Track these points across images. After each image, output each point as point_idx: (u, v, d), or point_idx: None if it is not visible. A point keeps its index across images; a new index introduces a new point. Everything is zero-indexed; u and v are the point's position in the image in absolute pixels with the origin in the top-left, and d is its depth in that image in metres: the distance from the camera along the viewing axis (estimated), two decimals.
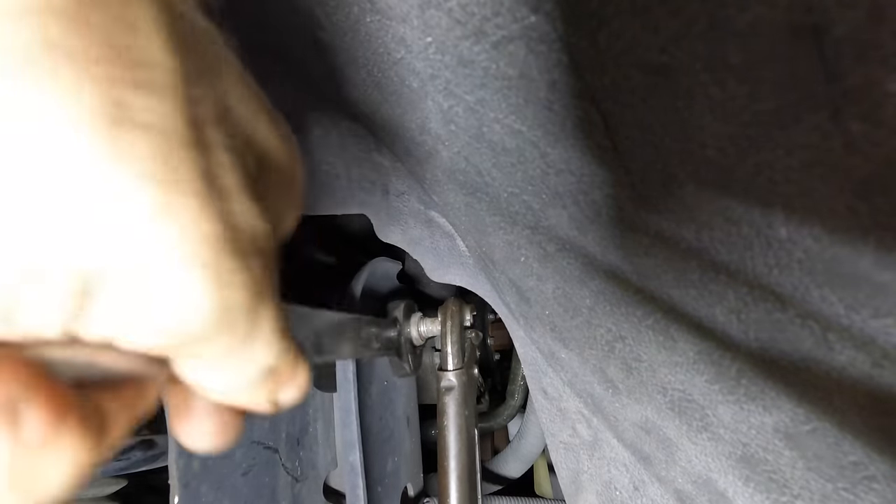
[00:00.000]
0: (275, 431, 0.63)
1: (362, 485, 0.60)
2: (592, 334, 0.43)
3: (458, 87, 0.34)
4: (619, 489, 0.51)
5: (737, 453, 0.35)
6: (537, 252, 0.43)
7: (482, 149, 0.38)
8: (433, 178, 0.47)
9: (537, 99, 0.32)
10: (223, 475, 0.56)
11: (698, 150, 0.28)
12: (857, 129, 0.23)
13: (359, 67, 0.39)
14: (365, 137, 0.62)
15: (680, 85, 0.26)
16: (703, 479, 0.39)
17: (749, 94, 0.25)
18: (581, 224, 0.37)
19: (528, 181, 0.38)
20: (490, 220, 0.45)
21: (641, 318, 0.38)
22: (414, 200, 0.65)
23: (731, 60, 0.24)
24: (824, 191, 0.25)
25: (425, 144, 0.42)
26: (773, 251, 0.28)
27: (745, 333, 0.31)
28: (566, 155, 0.34)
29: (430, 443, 0.92)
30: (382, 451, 0.69)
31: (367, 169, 0.66)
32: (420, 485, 0.83)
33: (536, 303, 0.47)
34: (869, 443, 0.28)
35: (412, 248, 0.69)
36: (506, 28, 0.29)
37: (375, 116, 0.45)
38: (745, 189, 0.27)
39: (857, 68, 0.22)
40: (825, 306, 0.27)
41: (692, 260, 0.32)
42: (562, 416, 0.57)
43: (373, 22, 0.34)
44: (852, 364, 0.27)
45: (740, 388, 0.33)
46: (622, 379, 0.42)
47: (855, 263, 0.25)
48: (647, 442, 0.43)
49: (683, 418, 0.38)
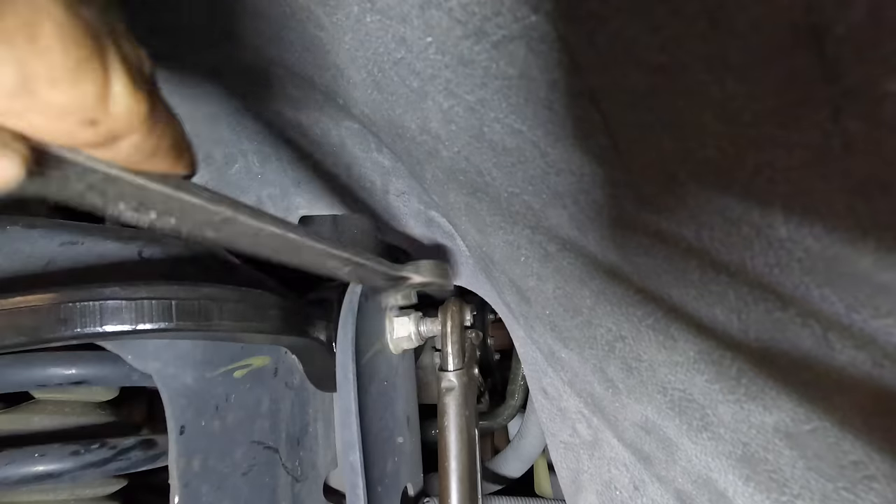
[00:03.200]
0: (275, 431, 0.63)
1: (362, 485, 0.60)
2: (593, 334, 0.43)
3: (458, 86, 0.34)
4: (619, 489, 0.51)
5: (737, 453, 0.35)
6: (538, 252, 0.43)
7: (482, 148, 0.38)
8: (433, 177, 0.47)
9: (538, 98, 0.32)
10: (223, 475, 0.56)
11: (698, 150, 0.28)
12: (857, 128, 0.23)
13: (359, 67, 0.39)
14: (365, 137, 0.62)
15: (680, 85, 0.26)
16: (704, 478, 0.39)
17: (749, 94, 0.25)
18: (581, 224, 0.37)
19: (529, 181, 0.38)
20: (490, 220, 0.45)
21: (642, 317, 0.38)
22: (414, 200, 0.65)
23: (731, 60, 0.24)
24: (824, 190, 0.25)
25: (426, 144, 0.42)
26: (774, 251, 0.28)
27: (746, 333, 0.31)
28: (566, 155, 0.34)
29: (431, 443, 0.92)
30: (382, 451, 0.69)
31: (367, 168, 0.66)
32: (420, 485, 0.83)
33: (537, 302, 0.47)
34: (869, 442, 0.28)
35: (412, 248, 0.69)
36: (506, 28, 0.29)
37: (376, 116, 0.45)
38: (745, 189, 0.27)
39: (857, 68, 0.22)
40: (825, 306, 0.27)
41: (692, 260, 0.32)
42: (562, 415, 0.57)
43: (373, 22, 0.34)
44: (853, 364, 0.27)
45: (740, 387, 0.33)
46: (622, 378, 0.42)
47: (855, 263, 0.25)
48: (647, 441, 0.43)
49: (683, 418, 0.38)
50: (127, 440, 0.62)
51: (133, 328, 0.46)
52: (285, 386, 0.66)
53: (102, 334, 0.46)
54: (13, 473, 0.56)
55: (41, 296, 0.45)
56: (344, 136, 0.63)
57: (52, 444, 0.58)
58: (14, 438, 0.64)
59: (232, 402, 0.58)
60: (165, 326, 0.47)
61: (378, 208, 0.68)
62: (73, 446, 0.59)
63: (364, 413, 0.63)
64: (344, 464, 0.62)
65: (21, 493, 0.64)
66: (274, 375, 0.64)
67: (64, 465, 0.58)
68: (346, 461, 0.61)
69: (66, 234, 0.53)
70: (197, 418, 0.54)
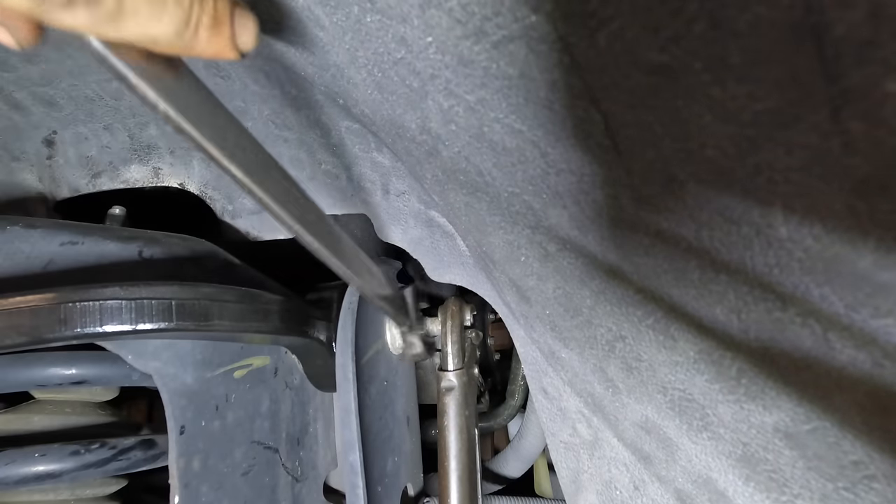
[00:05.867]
0: (275, 431, 0.63)
1: (362, 485, 0.60)
2: (593, 334, 0.43)
3: (458, 86, 0.34)
4: (619, 488, 0.51)
5: (737, 452, 0.35)
6: (538, 252, 0.43)
7: (483, 148, 0.38)
8: (434, 177, 0.47)
9: (538, 98, 0.32)
10: (223, 475, 0.56)
11: (698, 150, 0.28)
12: (857, 129, 0.23)
13: (359, 67, 0.39)
14: (365, 137, 0.62)
15: (680, 85, 0.26)
16: (704, 478, 0.39)
17: (749, 94, 0.25)
18: (582, 224, 0.37)
19: (529, 181, 0.38)
20: (490, 220, 0.45)
21: (642, 317, 0.38)
22: (414, 200, 0.65)
23: (731, 60, 0.24)
24: (824, 190, 0.25)
25: (426, 144, 0.42)
26: (774, 251, 0.28)
27: (746, 333, 0.31)
28: (567, 155, 0.34)
29: (431, 443, 0.92)
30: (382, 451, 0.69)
31: (367, 168, 0.66)
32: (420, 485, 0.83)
33: (537, 302, 0.47)
34: (869, 442, 0.28)
35: (412, 248, 0.69)
36: (506, 28, 0.29)
37: (376, 116, 0.45)
38: (745, 189, 0.27)
39: (857, 68, 0.22)
40: (825, 306, 0.27)
41: (692, 259, 0.32)
42: (562, 415, 0.57)
43: (373, 21, 0.34)
44: (853, 363, 0.27)
45: (740, 387, 0.33)
46: (622, 378, 0.42)
47: (855, 263, 0.25)
48: (647, 441, 0.43)
49: (684, 418, 0.38)
50: (127, 440, 0.62)
51: (133, 328, 0.46)
52: (285, 386, 0.66)
53: (102, 334, 0.46)
54: (13, 473, 0.56)
55: (41, 296, 0.45)
56: (344, 136, 0.63)
57: (52, 444, 0.58)
58: (14, 438, 0.64)
59: (232, 402, 0.58)
60: (165, 326, 0.48)
61: (378, 208, 0.68)
62: (73, 446, 0.59)
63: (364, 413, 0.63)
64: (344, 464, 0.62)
65: (21, 493, 0.64)
66: (274, 375, 0.64)
67: (64, 465, 0.58)
68: (346, 461, 0.61)
69: (66, 234, 0.53)
70: (197, 418, 0.54)
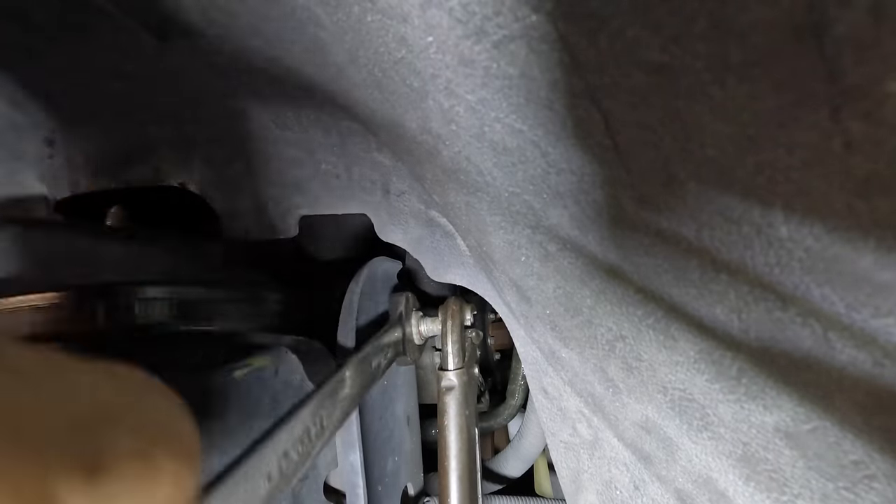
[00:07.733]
0: None
1: (362, 484, 0.60)
2: (593, 333, 0.43)
3: (458, 86, 0.34)
4: (619, 488, 0.51)
5: (737, 452, 0.35)
6: (538, 252, 0.43)
7: (483, 148, 0.38)
8: (434, 177, 0.47)
9: (538, 98, 0.32)
10: None
11: (698, 150, 0.28)
12: (857, 128, 0.23)
13: (360, 67, 0.39)
14: (365, 137, 0.62)
15: (680, 85, 0.26)
16: (704, 478, 0.39)
17: (749, 93, 0.25)
18: (582, 224, 0.37)
19: (529, 181, 0.38)
20: (491, 220, 0.45)
21: (642, 317, 0.38)
22: (414, 200, 0.65)
23: (731, 60, 0.24)
24: (824, 190, 0.25)
25: (426, 144, 0.42)
26: (774, 250, 0.28)
27: (746, 332, 0.32)
28: (567, 154, 0.34)
29: (431, 442, 0.92)
30: (382, 451, 0.69)
31: (367, 168, 0.66)
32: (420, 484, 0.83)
33: (537, 302, 0.47)
34: (870, 442, 0.28)
35: (413, 248, 0.69)
36: (507, 27, 0.29)
37: (376, 116, 0.45)
38: (745, 188, 0.27)
39: (857, 68, 0.22)
40: (826, 305, 0.27)
41: (692, 259, 0.32)
42: (562, 415, 0.57)
43: (374, 21, 0.34)
44: (853, 363, 0.27)
45: (741, 387, 0.33)
46: (623, 378, 0.42)
47: (855, 263, 0.25)
48: (647, 441, 0.43)
49: (684, 417, 0.38)
50: None
51: None
52: (285, 386, 0.66)
53: None
54: None
55: (41, 295, 0.45)
56: (344, 136, 0.63)
57: None
58: None
59: (232, 403, 0.58)
60: None
61: (378, 208, 0.68)
62: None
63: (364, 413, 0.63)
64: (344, 464, 0.62)
65: None
66: (274, 375, 0.64)
67: None
68: (346, 461, 0.61)
69: (66, 234, 0.53)
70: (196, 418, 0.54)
